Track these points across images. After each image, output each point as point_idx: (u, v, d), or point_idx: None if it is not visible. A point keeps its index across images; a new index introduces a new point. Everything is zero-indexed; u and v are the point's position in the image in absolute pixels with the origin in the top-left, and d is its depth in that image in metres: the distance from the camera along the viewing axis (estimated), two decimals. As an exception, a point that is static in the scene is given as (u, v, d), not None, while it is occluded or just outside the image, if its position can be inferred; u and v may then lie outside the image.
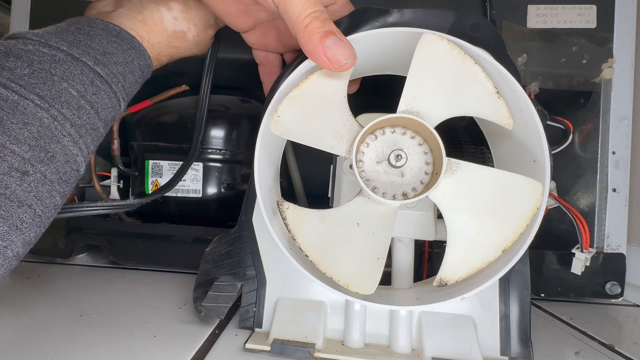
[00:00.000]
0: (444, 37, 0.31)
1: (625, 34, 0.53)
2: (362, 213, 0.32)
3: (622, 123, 0.53)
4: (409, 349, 0.34)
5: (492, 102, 0.31)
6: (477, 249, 0.30)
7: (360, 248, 0.31)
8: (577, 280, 0.51)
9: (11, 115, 0.26)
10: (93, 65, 0.31)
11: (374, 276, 0.31)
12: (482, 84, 0.31)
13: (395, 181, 0.32)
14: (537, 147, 0.32)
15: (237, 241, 0.39)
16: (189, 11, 0.39)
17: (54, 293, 0.47)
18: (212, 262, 0.39)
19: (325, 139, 0.31)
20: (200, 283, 0.39)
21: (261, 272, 0.38)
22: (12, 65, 0.28)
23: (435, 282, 0.31)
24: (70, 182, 0.30)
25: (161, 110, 0.56)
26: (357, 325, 0.35)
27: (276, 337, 0.35)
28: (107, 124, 0.33)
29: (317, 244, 0.31)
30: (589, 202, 0.55)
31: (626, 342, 0.41)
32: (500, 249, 0.30)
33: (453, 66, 0.31)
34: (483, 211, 0.30)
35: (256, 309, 0.37)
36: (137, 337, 0.37)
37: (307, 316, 0.36)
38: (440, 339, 0.34)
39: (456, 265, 0.30)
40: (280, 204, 0.32)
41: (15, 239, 0.26)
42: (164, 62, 0.40)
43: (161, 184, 0.55)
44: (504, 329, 0.35)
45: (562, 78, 0.54)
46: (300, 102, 0.31)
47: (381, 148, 0.32)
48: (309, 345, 0.34)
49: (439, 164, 0.30)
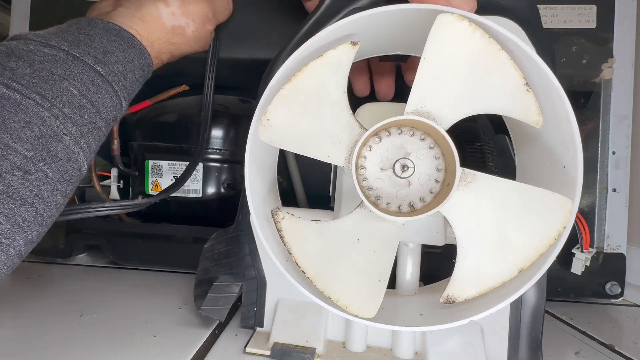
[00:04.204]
0: (465, 17, 0.26)
1: (625, 34, 0.53)
2: (363, 228, 0.28)
3: (622, 123, 0.53)
4: (412, 353, 0.33)
5: (519, 96, 0.26)
6: (491, 266, 0.28)
7: (360, 267, 0.29)
8: (577, 280, 0.51)
9: (13, 114, 0.26)
10: (93, 64, 0.31)
11: (374, 300, 0.28)
12: (508, 74, 0.26)
13: (401, 190, 0.28)
14: (569, 151, 0.28)
15: (235, 240, 0.38)
16: (186, 6, 0.39)
17: (54, 293, 0.47)
18: (210, 260, 0.39)
19: (321, 146, 0.28)
20: (200, 281, 0.39)
21: (261, 272, 0.37)
22: (13, 65, 0.28)
23: (442, 299, 0.28)
24: (72, 181, 0.30)
25: (161, 110, 0.56)
26: (358, 329, 0.34)
27: (276, 341, 0.34)
28: (109, 123, 0.33)
29: (314, 260, 0.29)
30: (589, 202, 0.55)
31: (626, 342, 0.41)
32: (517, 269, 0.27)
33: (474, 53, 0.26)
34: (501, 227, 0.27)
35: (257, 308, 0.37)
36: (137, 337, 0.37)
37: (308, 318, 0.34)
38: (444, 345, 0.32)
39: (466, 283, 0.28)
40: (275, 213, 0.29)
41: (17, 237, 0.26)
42: (165, 60, 0.40)
43: (161, 184, 0.55)
44: (513, 336, 0.32)
45: (562, 78, 0.53)
46: (292, 101, 0.28)
47: (386, 152, 0.29)
48: (309, 350, 0.32)
49: (451, 171, 0.27)
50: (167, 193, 0.45)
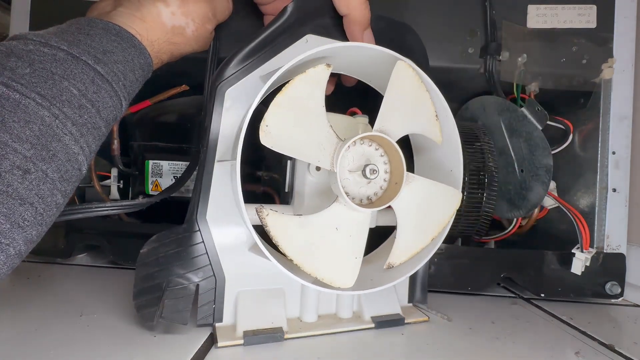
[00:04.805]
0: (411, 66, 0.37)
1: (625, 34, 0.53)
2: (340, 218, 0.35)
3: (622, 123, 0.53)
4: (351, 313, 0.42)
5: (432, 123, 0.39)
6: (417, 240, 0.39)
7: (339, 249, 0.35)
8: (577, 280, 0.51)
9: (13, 113, 0.26)
10: (93, 64, 0.31)
11: (353, 272, 0.35)
12: (428, 107, 0.39)
13: (362, 188, 0.36)
14: (454, 160, 0.41)
15: (188, 240, 0.37)
16: (186, 6, 0.39)
17: (54, 293, 0.47)
18: (156, 265, 0.36)
19: (312, 152, 0.33)
20: (142, 289, 0.36)
21: (219, 269, 0.37)
22: (13, 64, 0.28)
23: (386, 266, 0.38)
24: (71, 181, 0.30)
25: (161, 110, 0.56)
26: (312, 304, 0.41)
27: (246, 329, 0.36)
28: (109, 123, 0.33)
29: (299, 248, 0.33)
30: (589, 202, 0.55)
31: (626, 342, 0.41)
32: (430, 239, 0.39)
33: (413, 92, 0.38)
34: (423, 211, 0.38)
35: (215, 305, 0.37)
36: (137, 337, 0.37)
37: (269, 304, 0.39)
38: (373, 302, 0.43)
39: (401, 253, 0.38)
40: (259, 210, 0.32)
41: (17, 236, 0.26)
42: (165, 60, 0.40)
43: (161, 184, 0.55)
44: (411, 284, 0.46)
45: (562, 78, 0.54)
46: (285, 111, 0.32)
47: (351, 158, 0.36)
48: (278, 330, 0.37)
49: (396, 173, 0.37)
50: (167, 193, 0.45)
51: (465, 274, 0.51)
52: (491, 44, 0.52)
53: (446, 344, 0.39)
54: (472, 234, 0.53)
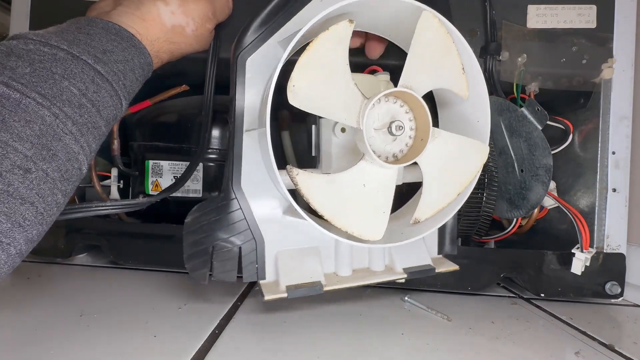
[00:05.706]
0: (436, 16, 0.36)
1: (625, 34, 0.53)
2: (367, 175, 0.35)
3: (622, 123, 0.53)
4: (384, 266, 0.43)
5: (459, 76, 0.38)
6: (443, 195, 0.39)
7: (368, 205, 0.36)
8: (577, 280, 0.51)
9: (13, 113, 0.26)
10: (93, 63, 0.31)
11: (381, 226, 0.36)
12: (454, 60, 0.38)
13: (388, 145, 0.36)
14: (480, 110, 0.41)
15: (227, 208, 0.39)
16: (186, 5, 0.39)
17: (54, 293, 0.47)
18: (201, 232, 0.39)
19: (337, 110, 0.34)
20: (191, 254, 0.39)
21: (258, 233, 0.39)
22: (13, 64, 0.28)
23: (412, 221, 0.38)
24: (72, 180, 0.30)
25: (161, 110, 0.56)
26: (346, 260, 0.42)
27: (288, 284, 0.38)
28: (109, 122, 0.33)
29: (329, 205, 0.34)
30: (589, 202, 0.55)
31: (626, 342, 0.41)
32: (456, 194, 0.39)
33: (439, 44, 0.37)
34: (449, 167, 0.38)
35: (257, 265, 0.39)
36: (137, 337, 0.37)
37: (306, 261, 0.41)
38: (404, 255, 0.43)
39: (427, 208, 0.38)
40: (290, 170, 0.33)
41: (18, 236, 0.26)
42: (165, 59, 0.40)
43: (161, 184, 0.55)
44: (440, 237, 0.47)
45: (562, 78, 0.54)
46: (310, 71, 0.32)
47: (377, 116, 0.35)
48: (317, 283, 0.39)
49: (421, 129, 0.36)
50: (167, 193, 0.45)
51: (465, 274, 0.51)
52: (491, 44, 0.52)
53: (446, 344, 0.39)
54: (472, 234, 0.53)
